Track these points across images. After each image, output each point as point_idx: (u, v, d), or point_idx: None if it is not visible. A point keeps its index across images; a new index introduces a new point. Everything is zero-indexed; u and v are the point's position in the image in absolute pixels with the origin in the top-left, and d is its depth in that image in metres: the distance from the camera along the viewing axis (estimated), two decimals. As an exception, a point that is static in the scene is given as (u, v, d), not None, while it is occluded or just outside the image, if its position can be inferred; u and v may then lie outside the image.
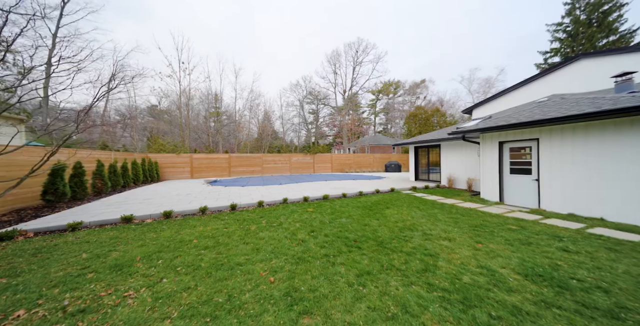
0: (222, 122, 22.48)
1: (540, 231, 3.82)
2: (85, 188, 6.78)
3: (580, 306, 1.88)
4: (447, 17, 53.46)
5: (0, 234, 3.58)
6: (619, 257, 2.78)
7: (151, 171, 11.88)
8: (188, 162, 14.27)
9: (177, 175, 13.90)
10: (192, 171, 14.40)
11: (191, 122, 18.78)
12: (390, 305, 1.94)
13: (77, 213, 5.00)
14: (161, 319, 1.79)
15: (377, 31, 52.59)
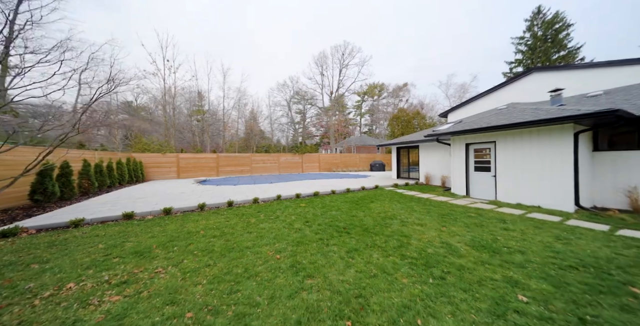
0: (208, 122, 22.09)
1: (492, 217, 4.72)
2: (73, 188, 6.70)
3: (503, 262, 2.65)
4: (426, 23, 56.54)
5: (4, 231, 3.68)
6: (540, 232, 3.68)
7: (136, 171, 11.62)
8: (174, 161, 14.05)
9: (163, 175, 13.65)
10: (179, 171, 14.20)
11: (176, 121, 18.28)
12: (373, 268, 2.57)
13: (71, 212, 5.06)
14: (194, 285, 2.25)
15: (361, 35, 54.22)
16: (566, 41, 25.44)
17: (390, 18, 55.83)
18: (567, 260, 2.68)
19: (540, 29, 26.42)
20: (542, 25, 26.34)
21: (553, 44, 25.73)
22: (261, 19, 52.86)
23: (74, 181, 6.80)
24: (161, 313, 1.84)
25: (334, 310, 1.86)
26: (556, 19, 25.73)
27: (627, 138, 5.19)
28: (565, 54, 25.34)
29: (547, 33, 26.14)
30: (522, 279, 2.29)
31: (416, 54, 59.66)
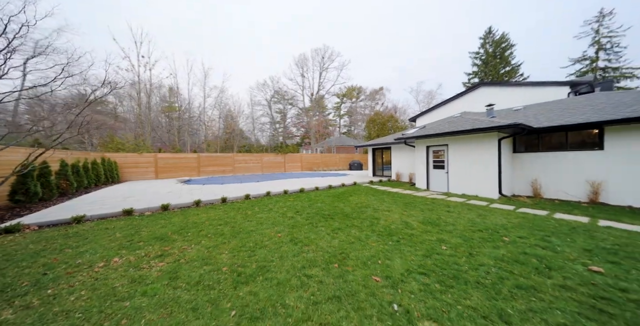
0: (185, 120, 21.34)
1: (441, 204, 6.08)
2: (52, 188, 6.56)
3: (439, 231, 3.83)
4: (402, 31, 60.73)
5: (7, 227, 3.87)
6: (469, 212, 5.06)
7: (111, 171, 11.16)
8: (152, 161, 13.63)
9: (140, 176, 13.17)
10: (157, 171, 13.81)
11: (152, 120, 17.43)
12: (351, 239, 3.54)
13: (63, 211, 5.17)
14: (219, 254, 2.97)
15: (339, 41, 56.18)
16: (510, 58, 29.98)
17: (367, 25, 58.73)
18: (478, 227, 3.97)
19: (491, 47, 30.69)
20: (492, 43, 30.62)
21: (500, 60, 30.11)
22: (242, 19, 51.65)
23: (53, 181, 6.65)
24: (202, 269, 2.55)
25: (325, 260, 2.77)
26: (502, 39, 30.16)
27: (533, 143, 7.02)
28: (510, 69, 29.86)
29: (496, 50, 30.48)
30: (447, 238, 3.46)
31: (391, 60, 63.67)
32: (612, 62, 24.37)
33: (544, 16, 46.88)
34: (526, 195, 6.87)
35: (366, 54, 61.24)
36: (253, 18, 52.69)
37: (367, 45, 60.33)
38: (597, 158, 5.76)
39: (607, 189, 5.56)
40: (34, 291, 2.15)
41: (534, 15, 47.66)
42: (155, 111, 20.79)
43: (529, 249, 3.00)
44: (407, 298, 1.99)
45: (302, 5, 53.35)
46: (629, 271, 2.38)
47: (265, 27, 54.53)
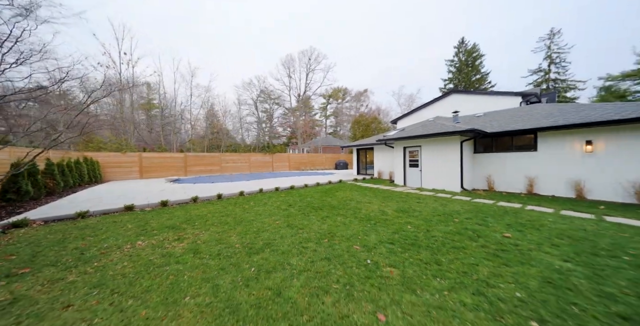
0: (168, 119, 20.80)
1: (413, 196, 7.11)
2: (41, 187, 6.55)
3: (408, 216, 4.76)
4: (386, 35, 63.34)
5: (15, 222, 4.09)
6: (434, 202, 6.11)
7: (94, 171, 10.90)
8: (137, 161, 13.37)
9: (124, 176, 12.88)
10: (142, 171, 13.57)
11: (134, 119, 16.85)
12: (338, 223, 4.31)
13: (59, 208, 5.33)
14: (228, 237, 3.58)
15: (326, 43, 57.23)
16: (480, 67, 33.03)
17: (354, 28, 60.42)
18: (438, 213, 4.97)
19: (464, 56, 33.55)
20: (464, 52, 33.49)
21: (472, 69, 33.05)
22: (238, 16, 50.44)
23: (40, 181, 6.63)
24: (218, 247, 3.16)
25: (317, 238, 3.51)
26: (474, 49, 33.12)
27: (488, 145, 8.37)
28: (480, 77, 32.90)
29: (468, 59, 33.39)
30: (413, 221, 4.37)
31: (377, 63, 66.07)
32: (560, 75, 28.04)
33: (509, 30, 51.91)
34: (482, 189, 8.19)
35: (352, 58, 63.00)
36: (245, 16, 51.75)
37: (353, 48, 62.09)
38: (532, 158, 7.16)
39: (539, 183, 6.96)
40: (82, 264, 2.63)
41: (502, 29, 52.57)
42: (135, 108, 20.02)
43: (470, 226, 4.00)
44: (377, 256, 2.80)
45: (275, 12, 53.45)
46: (526, 235, 3.43)
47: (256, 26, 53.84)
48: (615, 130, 5.65)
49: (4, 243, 3.30)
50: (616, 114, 5.68)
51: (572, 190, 6.33)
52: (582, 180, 6.15)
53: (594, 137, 6.00)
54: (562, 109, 8.00)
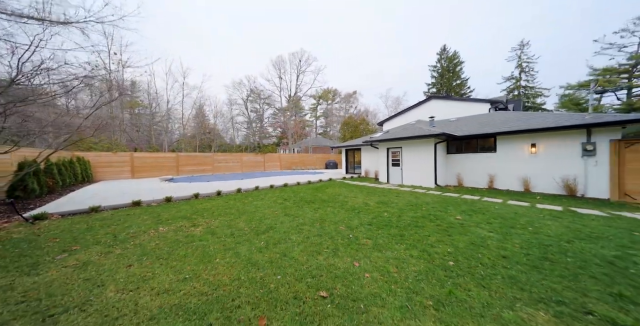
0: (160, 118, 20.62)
1: (394, 192, 8.10)
2: (43, 186, 6.81)
3: (386, 206, 5.68)
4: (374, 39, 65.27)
5: (37, 215, 4.51)
6: (410, 196, 7.12)
7: (85, 171, 10.96)
8: (128, 161, 13.42)
9: (115, 176, 12.91)
10: (133, 171, 13.63)
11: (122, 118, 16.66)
12: (327, 212, 5.14)
13: (63, 205, 5.70)
14: (236, 223, 4.27)
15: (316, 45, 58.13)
16: (460, 73, 35.33)
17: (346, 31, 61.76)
18: (411, 203, 5.94)
19: (445, 62, 35.74)
20: (446, 59, 35.68)
21: (453, 74, 35.29)
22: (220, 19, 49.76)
23: (42, 179, 6.88)
24: (230, 230, 3.86)
25: (311, 222, 4.31)
26: (454, 56, 35.39)
27: (459, 147, 9.58)
28: (460, 82, 35.21)
29: (449, 65, 35.60)
30: (389, 210, 5.29)
31: (366, 66, 67.92)
32: (529, 82, 30.82)
33: (486, 39, 55.62)
34: (453, 185, 9.39)
35: (342, 60, 64.34)
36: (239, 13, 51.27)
37: (344, 50, 63.46)
38: (492, 158, 8.41)
39: (497, 179, 8.22)
40: (120, 243, 3.24)
41: (480, 38, 56.20)
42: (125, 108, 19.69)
43: (433, 212, 4.98)
44: (357, 233, 3.65)
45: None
46: (472, 217, 4.45)
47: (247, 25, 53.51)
48: (550, 135, 6.95)
49: (40, 231, 3.79)
50: (551, 122, 6.98)
51: (521, 185, 7.61)
52: (528, 176, 7.43)
53: (537, 140, 7.29)
54: (516, 117, 9.38)
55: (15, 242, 3.31)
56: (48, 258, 2.73)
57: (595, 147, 6.15)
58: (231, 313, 1.75)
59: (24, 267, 2.51)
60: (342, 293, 1.99)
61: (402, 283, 2.14)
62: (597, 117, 6.37)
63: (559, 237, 3.30)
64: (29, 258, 2.73)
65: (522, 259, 2.59)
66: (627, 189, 5.61)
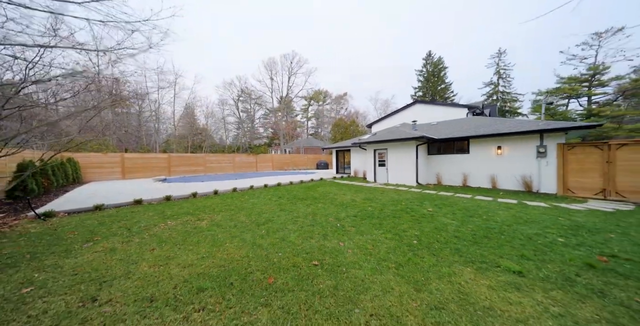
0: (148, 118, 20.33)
1: (379, 189, 8.87)
2: (40, 186, 6.93)
3: (371, 202, 6.40)
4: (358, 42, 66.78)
5: (46, 212, 4.79)
6: (394, 193, 7.90)
7: (76, 171, 10.90)
8: (119, 161, 13.35)
9: (105, 176, 12.82)
10: (124, 171, 13.57)
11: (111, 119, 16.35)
12: (319, 208, 5.76)
13: (65, 204, 5.94)
14: (237, 217, 4.79)
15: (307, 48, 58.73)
16: (445, 78, 37.26)
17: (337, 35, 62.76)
18: (394, 199, 6.69)
19: (431, 67, 37.55)
20: (431, 64, 37.50)
21: (437, 79, 37.15)
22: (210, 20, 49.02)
23: (39, 179, 6.99)
24: (233, 222, 4.38)
25: (304, 215, 4.91)
26: (439, 62, 37.27)
27: (438, 148, 10.54)
28: (444, 87, 37.12)
29: (434, 70, 37.44)
30: (374, 205, 5.99)
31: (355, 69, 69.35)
32: (506, 88, 33.14)
33: (469, 46, 58.73)
34: (433, 183, 10.32)
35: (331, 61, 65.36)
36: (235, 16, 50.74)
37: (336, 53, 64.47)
38: (466, 159, 9.40)
39: (470, 178, 9.21)
40: (136, 234, 3.68)
41: (464, 44, 59.22)
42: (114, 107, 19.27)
43: (410, 206, 5.73)
44: (344, 223, 4.30)
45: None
46: (442, 209, 5.25)
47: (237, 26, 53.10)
48: (512, 139, 8.00)
49: (53, 226, 4.12)
50: (512, 128, 8.03)
51: (489, 182, 8.62)
52: (495, 175, 8.45)
53: (502, 143, 8.32)
54: (487, 122, 10.48)
55: (35, 235, 3.66)
56: (76, 246, 3.15)
57: (547, 150, 7.20)
58: (246, 276, 2.32)
59: (60, 253, 2.93)
60: (330, 262, 2.62)
61: (375, 255, 2.80)
62: (547, 124, 7.45)
63: (503, 222, 4.12)
64: (59, 247, 3.14)
65: (469, 237, 3.35)
66: (569, 185, 6.67)
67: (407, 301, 1.89)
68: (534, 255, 2.68)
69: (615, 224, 3.88)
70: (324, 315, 1.74)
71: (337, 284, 2.16)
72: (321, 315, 1.74)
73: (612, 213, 4.68)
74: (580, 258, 2.56)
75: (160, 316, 1.73)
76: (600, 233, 3.40)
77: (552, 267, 2.39)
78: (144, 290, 2.09)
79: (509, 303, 1.83)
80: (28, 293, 2.02)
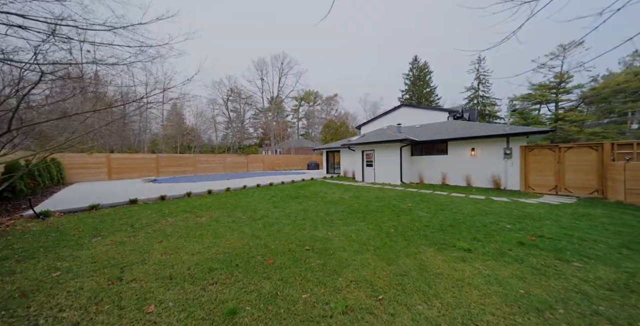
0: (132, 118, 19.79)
1: (367, 188, 9.48)
2: (27, 187, 6.86)
3: (358, 199, 6.96)
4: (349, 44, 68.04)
5: (42, 212, 4.89)
6: (378, 191, 8.54)
7: (60, 172, 10.62)
8: (104, 162, 13.06)
9: (90, 177, 12.51)
10: (110, 172, 13.29)
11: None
12: (310, 205, 6.22)
13: (57, 204, 5.99)
14: (234, 214, 5.15)
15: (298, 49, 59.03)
16: (430, 82, 39.03)
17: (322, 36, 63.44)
18: (379, 197, 7.30)
19: (417, 71, 39.20)
20: (417, 69, 39.16)
21: (423, 83, 38.84)
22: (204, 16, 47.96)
23: (26, 181, 6.91)
24: (231, 218, 4.74)
25: (297, 212, 5.36)
26: (424, 66, 38.99)
27: (421, 149, 11.36)
28: (429, 90, 38.88)
29: (420, 74, 39.11)
30: (360, 201, 6.55)
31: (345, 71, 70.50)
32: (485, 93, 35.36)
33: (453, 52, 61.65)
34: (416, 182, 11.12)
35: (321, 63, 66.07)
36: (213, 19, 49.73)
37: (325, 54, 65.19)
38: (445, 159, 10.26)
39: (448, 177, 10.07)
40: (140, 230, 3.96)
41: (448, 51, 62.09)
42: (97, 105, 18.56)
43: (393, 202, 6.35)
44: (333, 217, 4.79)
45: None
46: (419, 204, 5.90)
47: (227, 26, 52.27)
48: (483, 141, 8.91)
49: (54, 224, 4.28)
50: (484, 131, 8.95)
51: (465, 181, 9.50)
52: (469, 174, 9.34)
53: (475, 145, 9.23)
54: (464, 126, 11.46)
55: (39, 232, 3.84)
56: (85, 241, 3.41)
57: (512, 151, 8.14)
58: (249, 260, 2.75)
59: (72, 246, 3.19)
60: (319, 247, 3.10)
61: (358, 241, 3.32)
62: (512, 129, 8.41)
63: (468, 214, 4.81)
64: (68, 242, 3.38)
65: (437, 226, 3.96)
66: (530, 183, 7.62)
67: (380, 271, 2.41)
68: (484, 238, 3.32)
69: (554, 214, 4.67)
70: (315, 282, 2.22)
71: (325, 262, 2.65)
72: (312, 283, 2.22)
73: (556, 205, 5.54)
74: (517, 239, 3.22)
75: (181, 288, 2.13)
76: (540, 221, 4.15)
77: (494, 246, 3.03)
78: (162, 271, 2.46)
79: (455, 270, 2.41)
80: (59, 276, 2.33)
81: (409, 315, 1.73)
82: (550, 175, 7.15)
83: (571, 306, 1.78)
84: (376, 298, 1.96)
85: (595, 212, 4.78)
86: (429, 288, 2.10)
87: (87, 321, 1.69)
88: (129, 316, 1.74)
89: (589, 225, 3.91)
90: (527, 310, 1.76)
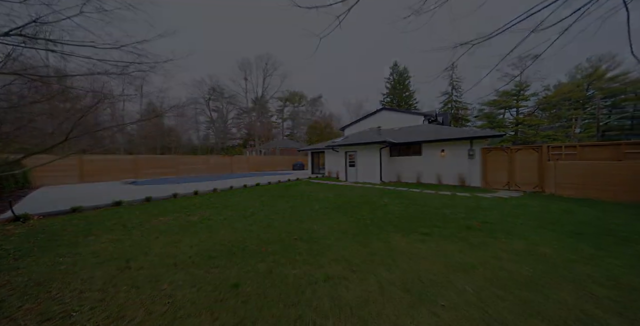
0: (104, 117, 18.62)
1: (348, 187, 10.13)
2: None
3: (341, 197, 7.54)
4: (336, 50, 69.48)
5: (20, 215, 4.77)
6: (360, 189, 9.22)
7: (24, 175, 9.87)
8: (75, 164, 12.28)
9: (60, 180, 11.70)
10: (83, 174, 12.53)
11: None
12: (297, 204, 6.66)
13: (29, 209, 5.79)
14: (225, 212, 5.43)
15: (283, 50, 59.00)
16: (409, 86, 41.29)
17: (308, 37, 64.02)
18: (359, 194, 7.94)
19: (397, 76, 41.26)
20: (397, 73, 41.25)
21: (403, 87, 40.98)
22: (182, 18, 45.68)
23: (-9, 184, 6.50)
24: (221, 216, 5.03)
25: (284, 209, 5.77)
26: (404, 71, 41.16)
27: (399, 150, 12.32)
28: (408, 94, 41.11)
29: (400, 79, 41.20)
30: (342, 199, 7.13)
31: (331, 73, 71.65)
32: (458, 97, 38.34)
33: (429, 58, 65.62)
34: (394, 181, 12.04)
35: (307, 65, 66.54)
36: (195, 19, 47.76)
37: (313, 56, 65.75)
38: (420, 160, 11.28)
39: (423, 176, 11.09)
40: (133, 229, 4.13)
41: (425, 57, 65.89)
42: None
43: (372, 199, 7.01)
44: (318, 212, 5.29)
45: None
46: (394, 200, 6.63)
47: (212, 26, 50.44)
48: (451, 143, 10.02)
49: (38, 227, 4.25)
50: (451, 135, 10.07)
51: (436, 179, 10.56)
52: (440, 173, 10.41)
53: (445, 147, 10.32)
54: (436, 129, 12.64)
55: (24, 234, 3.85)
56: (80, 240, 3.54)
57: (475, 153, 9.29)
58: (244, 248, 3.14)
59: (67, 245, 3.32)
60: (306, 237, 3.58)
61: (339, 231, 3.86)
62: (474, 132, 9.61)
63: (435, 207, 5.59)
64: (61, 241, 3.49)
65: (406, 217, 4.64)
66: (488, 180, 8.78)
67: (355, 252, 2.96)
68: (442, 225, 4.04)
69: (501, 205, 5.64)
70: (302, 262, 2.70)
71: (311, 247, 3.14)
72: (300, 262, 2.69)
73: (505, 199, 6.59)
74: (467, 225, 3.98)
75: (187, 272, 2.48)
76: (489, 211, 5.03)
77: (448, 230, 3.74)
78: (166, 260, 2.77)
79: (414, 248, 3.03)
80: (66, 269, 2.55)
81: (374, 279, 2.29)
82: (504, 173, 8.34)
83: (488, 266, 2.47)
84: (351, 270, 2.49)
85: (532, 203, 5.83)
86: (393, 261, 2.68)
87: (110, 297, 2.00)
88: (147, 293, 2.08)
89: (523, 212, 4.85)
90: (458, 270, 2.40)
